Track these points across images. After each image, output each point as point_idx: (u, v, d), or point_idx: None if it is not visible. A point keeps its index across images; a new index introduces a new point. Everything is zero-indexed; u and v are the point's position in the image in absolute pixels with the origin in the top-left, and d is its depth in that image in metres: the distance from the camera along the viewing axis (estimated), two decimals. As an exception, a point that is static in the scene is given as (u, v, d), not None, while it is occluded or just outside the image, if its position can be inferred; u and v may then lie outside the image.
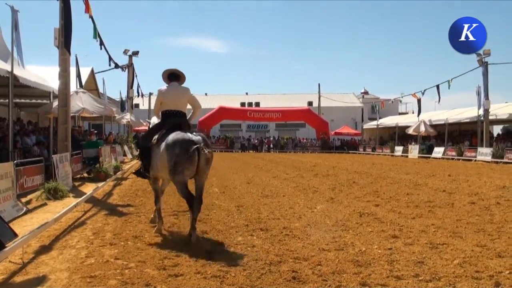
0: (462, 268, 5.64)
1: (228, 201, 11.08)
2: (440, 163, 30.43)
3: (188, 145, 6.89)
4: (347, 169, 22.92)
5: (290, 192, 12.90)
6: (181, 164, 6.91)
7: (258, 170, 22.01)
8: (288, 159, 33.34)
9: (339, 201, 11.19)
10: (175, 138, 7.02)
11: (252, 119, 59.40)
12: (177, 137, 7.03)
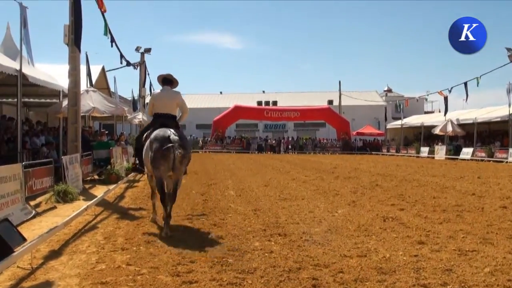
0: (493, 276, 5.55)
1: (245, 205, 11.08)
2: (468, 164, 30.10)
3: (164, 143, 7.84)
4: (370, 171, 22.79)
5: (310, 195, 12.86)
6: (157, 159, 7.89)
7: (275, 172, 21.99)
8: (307, 161, 33.25)
9: (362, 205, 11.13)
10: (155, 134, 8.04)
11: (270, 118, 59.41)
12: (158, 133, 8.04)
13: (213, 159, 34.91)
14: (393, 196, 12.79)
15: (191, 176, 18.85)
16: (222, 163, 29.32)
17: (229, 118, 56.22)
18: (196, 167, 25.00)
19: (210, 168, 24.24)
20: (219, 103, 69.88)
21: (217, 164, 28.67)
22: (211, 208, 10.59)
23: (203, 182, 16.51)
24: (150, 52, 36.84)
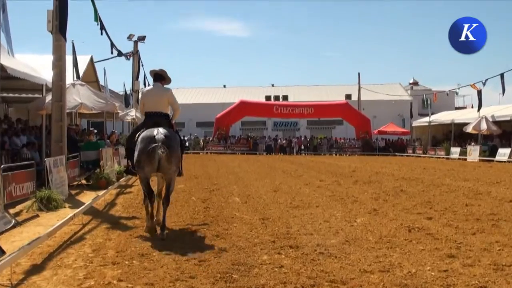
0: (534, 294, 5.52)
1: (251, 213, 11.09)
2: (505, 167, 29.96)
3: (149, 143, 8.58)
4: (393, 174, 22.74)
5: (325, 202, 12.86)
6: (142, 160, 8.70)
7: (286, 175, 21.98)
8: (322, 163, 33.22)
9: (384, 213, 11.11)
10: (142, 135, 8.83)
11: (279, 115, 59.43)
12: (144, 134, 8.82)
13: (215, 161, 34.94)
14: (420, 203, 12.76)
15: (191, 181, 18.89)
16: (225, 166, 29.34)
17: (233, 115, 56.32)
18: (197, 170, 25.03)
19: (212, 171, 24.27)
20: (223, 98, 69.99)
21: (220, 166, 28.71)
22: (214, 216, 10.60)
23: (204, 187, 16.53)
24: (144, 41, 36.99)
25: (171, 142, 8.71)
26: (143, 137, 8.78)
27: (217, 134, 55.33)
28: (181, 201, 13.07)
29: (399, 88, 71.18)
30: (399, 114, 63.50)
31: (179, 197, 13.79)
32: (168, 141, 8.61)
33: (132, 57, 36.35)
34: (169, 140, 8.64)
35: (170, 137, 8.75)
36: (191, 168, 26.28)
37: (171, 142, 8.70)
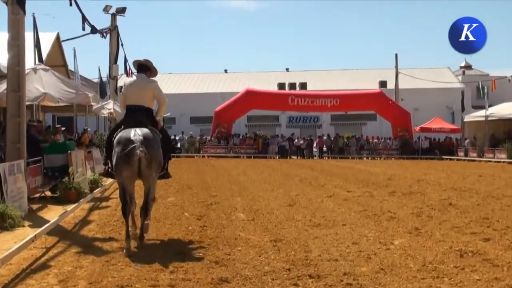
0: None
1: (260, 233, 11.09)
2: None
3: (126, 145, 9.38)
4: (440, 184, 22.68)
5: (354, 220, 12.87)
6: (118, 164, 9.53)
7: (304, 185, 21.96)
8: (350, 169, 33.15)
9: (428, 233, 11.09)
10: (119, 137, 9.69)
11: (296, 108, 59.44)
12: (121, 135, 9.67)
13: (214, 167, 34.94)
14: (474, 220, 12.73)
15: (183, 192, 18.91)
16: (227, 173, 29.33)
17: (237, 108, 56.31)
18: (191, 178, 25.05)
19: (210, 180, 24.27)
20: (224, 87, 70.20)
21: (220, 174, 28.70)
22: (212, 238, 10.60)
23: (200, 201, 16.53)
24: (124, 14, 36.99)
25: (151, 143, 9.53)
26: (119, 138, 9.66)
27: (216, 133, 55.31)
28: (171, 218, 13.08)
29: (448, 73, 71.13)
30: (448, 106, 63.40)
31: (168, 213, 13.81)
32: (147, 142, 9.43)
33: (110, 34, 36.43)
34: (148, 141, 9.46)
35: (149, 138, 9.58)
36: (183, 175, 26.30)
37: (150, 143, 9.51)
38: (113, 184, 21.58)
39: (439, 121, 57.74)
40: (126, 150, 9.34)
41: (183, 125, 61.92)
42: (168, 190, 19.27)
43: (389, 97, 57.51)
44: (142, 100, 10.24)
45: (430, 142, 55.84)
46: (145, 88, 10.29)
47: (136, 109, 10.16)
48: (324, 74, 73.87)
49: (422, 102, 62.55)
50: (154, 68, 10.65)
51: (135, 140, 9.34)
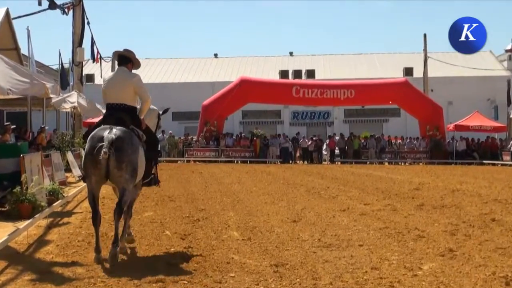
0: None
1: (258, 256, 11.09)
2: None
3: (95, 144, 10.39)
4: (480, 195, 22.67)
5: (373, 239, 12.88)
6: (85, 165, 10.63)
7: (312, 196, 21.97)
8: (368, 176, 33.15)
9: (466, 255, 11.07)
10: (91, 134, 10.69)
11: (302, 101, 59.45)
12: (94, 132, 10.69)
13: (201, 174, 34.96)
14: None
15: (164, 205, 18.91)
16: (218, 182, 29.31)
17: (230, 102, 56.18)
18: (173, 188, 25.04)
19: (197, 191, 24.26)
20: (213, 75, 70.29)
21: (209, 183, 28.68)
22: (199, 262, 10.59)
23: (185, 216, 16.52)
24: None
25: (123, 144, 10.43)
26: (92, 136, 10.63)
27: (204, 132, 55.23)
28: (149, 237, 13.07)
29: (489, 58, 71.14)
30: (490, 99, 63.42)
31: (145, 231, 13.80)
32: (119, 142, 10.36)
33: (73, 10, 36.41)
34: (120, 141, 10.39)
35: (123, 137, 10.48)
36: (164, 185, 26.23)
37: (123, 143, 10.43)
38: (78, 196, 21.60)
39: (478, 118, 57.21)
40: (94, 149, 10.32)
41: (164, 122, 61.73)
42: (145, 203, 19.26)
43: (416, 88, 57.50)
44: (123, 98, 11.13)
45: (468, 143, 55.76)
46: (126, 84, 11.12)
47: (116, 108, 11.10)
48: (336, 59, 74.00)
49: (457, 93, 62.60)
50: (137, 60, 11.52)
51: (105, 139, 10.25)
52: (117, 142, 10.25)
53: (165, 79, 70.17)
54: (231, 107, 56.83)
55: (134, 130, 11.06)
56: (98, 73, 54.50)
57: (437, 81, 61.51)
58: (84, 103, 32.06)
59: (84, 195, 21.85)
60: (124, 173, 10.49)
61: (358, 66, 69.95)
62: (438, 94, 59.43)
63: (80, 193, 22.33)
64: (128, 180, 10.63)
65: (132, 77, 11.23)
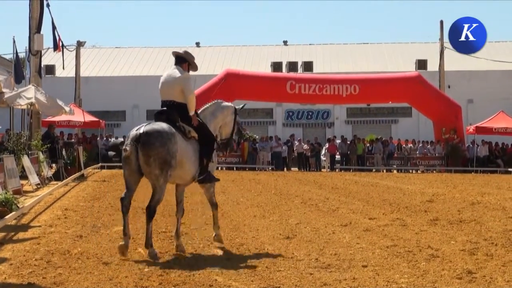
0: None
1: (246, 277, 11.14)
2: None
3: (125, 141, 12.80)
4: (505, 208, 22.76)
5: (379, 259, 12.90)
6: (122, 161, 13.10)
7: (309, 209, 22.03)
8: (373, 186, 33.21)
9: (487, 278, 11.10)
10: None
11: (297, 98, 59.43)
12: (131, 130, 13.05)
13: (181, 183, 34.93)
14: (551, 260, 12.73)
15: (136, 219, 18.97)
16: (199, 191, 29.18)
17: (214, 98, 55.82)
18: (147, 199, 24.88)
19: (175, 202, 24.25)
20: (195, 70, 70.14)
21: (189, 192, 28.60)
22: (177, 284, 10.62)
23: (161, 231, 16.59)
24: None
25: (149, 138, 12.51)
26: (128, 133, 13.08)
27: (185, 133, 55.19)
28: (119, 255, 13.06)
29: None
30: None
31: (115, 248, 13.77)
32: (145, 137, 12.51)
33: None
34: (146, 136, 12.51)
35: (151, 133, 12.57)
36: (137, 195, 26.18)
37: (150, 138, 12.51)
38: (35, 207, 21.58)
39: (503, 118, 56.93)
40: (125, 146, 12.73)
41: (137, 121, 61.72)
42: (114, 216, 19.30)
43: (430, 84, 57.54)
44: (172, 95, 13.68)
45: (490, 149, 55.76)
46: (174, 82, 13.70)
47: (165, 105, 13.73)
48: (338, 50, 74.18)
49: (478, 90, 62.79)
50: (193, 63, 14.35)
51: (130, 136, 12.71)
52: (143, 138, 12.47)
53: (138, 71, 70.29)
54: (214, 105, 56.65)
55: (181, 127, 13.32)
56: (59, 64, 54.35)
57: (455, 75, 61.65)
58: (43, 99, 31.96)
59: (43, 206, 21.97)
60: (153, 169, 12.64)
61: (363, 58, 70.07)
62: (456, 91, 59.57)
63: (38, 204, 22.35)
64: (158, 176, 12.76)
65: (179, 75, 13.71)
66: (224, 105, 15.29)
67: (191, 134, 13.47)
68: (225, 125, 15.23)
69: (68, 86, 58.84)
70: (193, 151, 13.54)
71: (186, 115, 13.44)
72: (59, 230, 16.73)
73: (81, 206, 22.70)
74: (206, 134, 13.87)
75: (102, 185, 32.97)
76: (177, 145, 12.89)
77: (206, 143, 13.79)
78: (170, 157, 12.70)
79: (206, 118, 14.40)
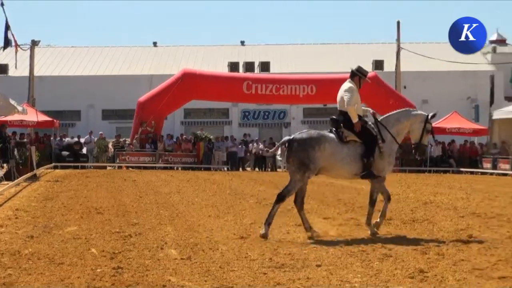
0: None
1: (200, 277, 11.09)
2: None
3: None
4: (457, 208, 22.95)
5: (333, 259, 12.93)
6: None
7: (263, 209, 21.84)
8: (329, 186, 33.38)
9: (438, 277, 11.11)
10: None
11: (254, 98, 59.49)
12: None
13: (135, 182, 34.94)
14: (504, 259, 12.82)
15: (90, 218, 18.85)
16: (154, 192, 29.26)
17: (171, 98, 55.91)
18: (100, 198, 25.00)
19: (130, 202, 24.19)
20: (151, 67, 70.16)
21: (144, 192, 28.61)
22: (131, 284, 10.56)
23: (115, 231, 16.45)
24: None
25: (293, 143, 15.85)
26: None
27: (140, 133, 54.96)
28: (71, 256, 12.97)
29: (471, 51, 71.80)
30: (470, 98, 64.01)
31: (66, 248, 13.71)
32: (291, 142, 15.90)
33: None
34: (291, 142, 15.90)
35: (295, 139, 15.91)
36: (90, 194, 26.25)
37: (293, 143, 15.86)
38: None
39: (456, 119, 57.29)
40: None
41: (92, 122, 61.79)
42: (67, 216, 19.20)
43: (387, 84, 57.79)
44: (340, 104, 16.59)
45: (444, 148, 56.10)
46: (339, 93, 16.61)
47: (337, 113, 16.69)
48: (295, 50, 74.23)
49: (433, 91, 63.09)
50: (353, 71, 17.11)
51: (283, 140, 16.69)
52: (290, 142, 15.96)
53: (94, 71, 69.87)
54: (171, 104, 56.62)
55: (338, 132, 16.13)
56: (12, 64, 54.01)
57: (411, 76, 61.91)
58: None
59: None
60: (292, 166, 16.04)
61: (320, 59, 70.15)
62: (411, 91, 59.87)
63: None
64: (294, 172, 16.02)
65: (344, 86, 16.58)
66: (414, 113, 17.25)
67: (349, 138, 16.01)
68: (412, 131, 16.88)
69: (22, 85, 58.40)
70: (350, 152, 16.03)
71: (346, 121, 16.12)
72: (10, 230, 16.54)
73: (33, 206, 22.51)
74: (369, 138, 16.05)
75: (55, 185, 32.74)
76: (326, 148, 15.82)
77: (369, 145, 15.96)
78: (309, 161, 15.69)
79: (389, 123, 16.63)
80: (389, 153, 16.48)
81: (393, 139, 16.46)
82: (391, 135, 16.39)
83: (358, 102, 16.48)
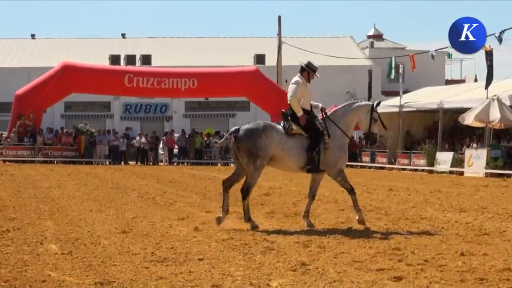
0: None
1: (81, 272, 10.95)
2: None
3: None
4: (337, 201, 23.72)
5: (215, 252, 12.95)
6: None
7: (146, 203, 22.06)
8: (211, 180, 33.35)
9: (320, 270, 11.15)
10: None
11: (135, 91, 59.32)
12: None
13: (13, 176, 34.51)
14: (382, 251, 13.05)
15: None
16: (33, 186, 28.93)
17: (50, 91, 55.28)
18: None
19: (7, 196, 23.90)
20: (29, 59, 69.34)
21: (22, 187, 28.25)
22: (8, 280, 10.34)
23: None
24: None
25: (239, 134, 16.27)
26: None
27: (17, 126, 54.21)
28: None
29: (350, 44, 72.90)
30: (349, 92, 64.88)
31: None
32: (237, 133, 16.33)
33: None
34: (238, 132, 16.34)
35: (241, 129, 16.37)
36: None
37: (239, 133, 16.28)
38: None
39: (335, 111, 58.04)
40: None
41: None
42: None
43: (268, 78, 58.09)
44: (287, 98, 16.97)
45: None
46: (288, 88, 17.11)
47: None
48: (176, 43, 74.16)
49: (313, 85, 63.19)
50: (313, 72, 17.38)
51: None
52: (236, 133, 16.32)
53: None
54: (51, 97, 56.01)
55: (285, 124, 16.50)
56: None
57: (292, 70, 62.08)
58: None
59: None
60: (242, 158, 16.32)
61: (202, 52, 70.16)
62: (291, 85, 60.20)
63: None
64: (246, 163, 16.31)
65: (292, 80, 16.93)
66: (359, 104, 17.65)
67: (295, 131, 16.34)
68: (361, 121, 17.46)
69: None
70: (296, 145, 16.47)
71: (293, 115, 16.52)
72: None
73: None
74: (313, 131, 16.47)
75: None
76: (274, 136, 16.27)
77: (313, 138, 16.39)
78: (257, 149, 16.06)
79: (337, 118, 17.01)
80: (339, 147, 16.86)
81: (342, 133, 16.87)
82: (340, 130, 16.80)
83: (306, 97, 16.90)
